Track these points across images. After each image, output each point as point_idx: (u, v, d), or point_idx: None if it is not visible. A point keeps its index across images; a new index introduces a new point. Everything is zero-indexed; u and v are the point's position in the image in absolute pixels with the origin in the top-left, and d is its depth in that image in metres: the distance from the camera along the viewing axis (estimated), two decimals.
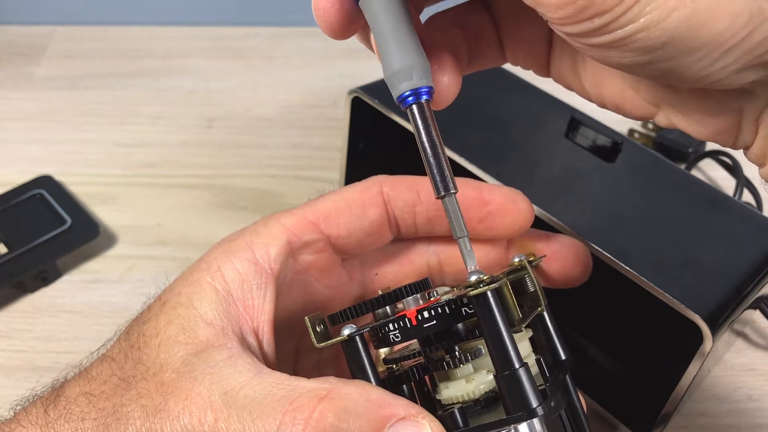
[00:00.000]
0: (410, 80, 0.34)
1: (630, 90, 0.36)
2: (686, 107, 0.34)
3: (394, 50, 0.34)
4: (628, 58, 0.29)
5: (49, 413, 0.37)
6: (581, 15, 0.28)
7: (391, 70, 0.34)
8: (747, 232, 0.51)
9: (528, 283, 0.38)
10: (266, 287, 0.39)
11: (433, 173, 0.35)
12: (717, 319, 0.45)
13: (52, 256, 0.66)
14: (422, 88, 0.34)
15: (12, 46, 0.96)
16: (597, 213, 0.52)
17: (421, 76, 0.34)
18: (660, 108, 0.36)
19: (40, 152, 0.80)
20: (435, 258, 0.45)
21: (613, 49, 0.29)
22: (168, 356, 0.36)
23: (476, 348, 0.36)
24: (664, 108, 0.35)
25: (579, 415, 0.39)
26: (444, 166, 0.35)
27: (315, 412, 0.32)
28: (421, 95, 0.34)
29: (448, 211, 0.35)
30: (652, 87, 0.35)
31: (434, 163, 0.35)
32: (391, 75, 0.34)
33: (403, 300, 0.37)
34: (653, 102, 0.36)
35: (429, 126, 0.35)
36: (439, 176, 0.35)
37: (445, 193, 0.35)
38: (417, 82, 0.34)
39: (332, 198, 0.42)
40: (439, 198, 0.35)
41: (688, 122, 0.35)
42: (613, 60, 0.30)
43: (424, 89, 0.34)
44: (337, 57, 0.95)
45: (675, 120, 0.35)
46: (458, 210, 0.35)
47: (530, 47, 0.39)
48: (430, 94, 0.35)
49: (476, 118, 0.59)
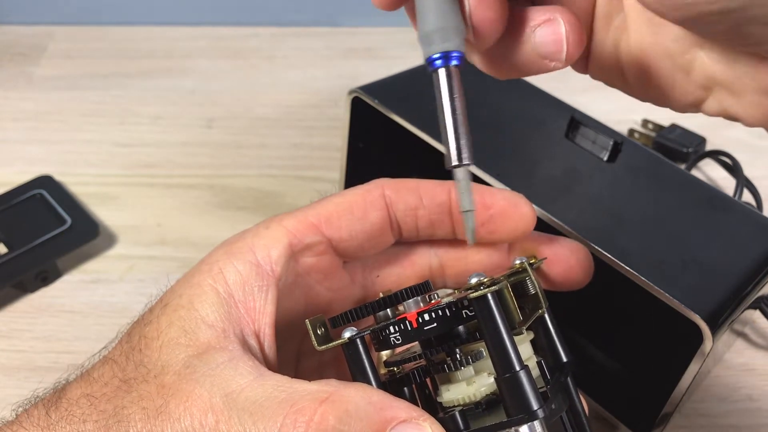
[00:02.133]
0: (442, 42, 0.33)
1: (681, 73, 0.35)
2: (744, 86, 0.33)
3: (431, 10, 0.33)
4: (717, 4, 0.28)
5: (50, 415, 0.37)
6: None
7: (425, 29, 0.33)
8: (747, 232, 0.51)
9: (529, 285, 0.38)
10: (268, 289, 0.39)
11: (449, 141, 0.34)
12: (717, 319, 0.45)
13: (52, 256, 0.66)
14: (453, 52, 0.33)
15: (12, 46, 0.96)
16: (597, 213, 0.52)
17: (455, 39, 0.33)
18: (712, 92, 0.35)
19: (40, 152, 0.80)
20: (437, 260, 0.45)
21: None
22: (169, 358, 0.36)
23: (477, 350, 0.36)
24: (716, 91, 0.34)
25: (580, 418, 0.39)
26: (463, 135, 0.34)
27: (316, 415, 0.32)
28: (451, 59, 0.33)
29: (459, 181, 0.35)
30: (709, 65, 0.34)
31: (452, 130, 0.34)
32: (424, 35, 0.34)
33: (404, 302, 0.37)
34: (706, 85, 0.34)
35: (454, 92, 0.34)
36: (455, 144, 0.34)
37: (458, 162, 0.34)
38: (449, 45, 0.33)
39: (334, 200, 0.42)
40: (452, 168, 0.34)
41: (742, 105, 0.34)
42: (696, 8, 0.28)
43: (455, 53, 0.33)
44: (337, 57, 0.95)
45: (728, 103, 0.34)
46: (469, 183, 0.35)
47: None
48: (461, 60, 0.34)
49: (476, 118, 0.58)
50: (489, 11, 0.34)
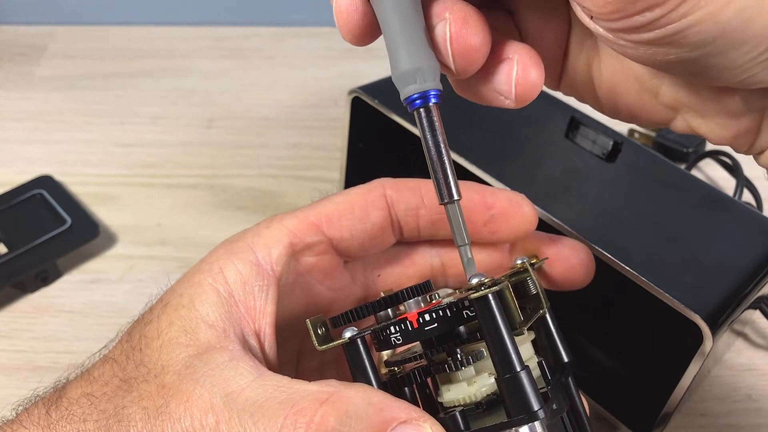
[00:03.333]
0: (418, 83, 0.33)
1: (648, 95, 0.35)
2: (708, 109, 0.34)
3: (403, 51, 0.33)
4: (674, 55, 0.28)
5: (50, 414, 0.37)
6: (632, 8, 0.27)
7: (399, 71, 0.34)
8: (747, 232, 0.51)
9: (530, 285, 0.38)
10: (268, 289, 0.39)
11: (437, 179, 0.34)
12: (717, 319, 0.45)
13: (52, 256, 0.66)
14: (430, 91, 0.34)
15: (12, 46, 0.96)
16: (597, 213, 0.52)
17: (430, 78, 0.33)
18: (679, 112, 0.35)
19: (40, 152, 0.80)
20: (438, 259, 0.45)
21: (662, 46, 0.28)
22: (169, 358, 0.36)
23: (478, 350, 0.36)
24: (683, 112, 0.35)
25: (581, 418, 0.39)
26: (449, 172, 0.34)
27: (316, 416, 0.32)
28: (429, 98, 0.34)
29: (450, 218, 0.35)
30: (675, 90, 0.34)
31: (439, 168, 0.34)
32: (399, 76, 0.34)
33: (405, 302, 0.37)
34: (673, 106, 0.35)
35: (435, 130, 0.34)
36: (443, 182, 0.34)
37: (448, 199, 0.34)
38: (425, 84, 0.33)
39: (335, 200, 0.42)
40: (442, 204, 0.35)
41: (708, 125, 0.34)
42: (656, 58, 0.29)
43: (432, 92, 0.34)
44: (337, 57, 0.95)
45: (695, 124, 0.35)
46: (461, 217, 0.35)
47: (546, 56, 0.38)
48: (438, 98, 0.34)
49: (476, 118, 0.59)
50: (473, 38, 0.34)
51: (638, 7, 0.26)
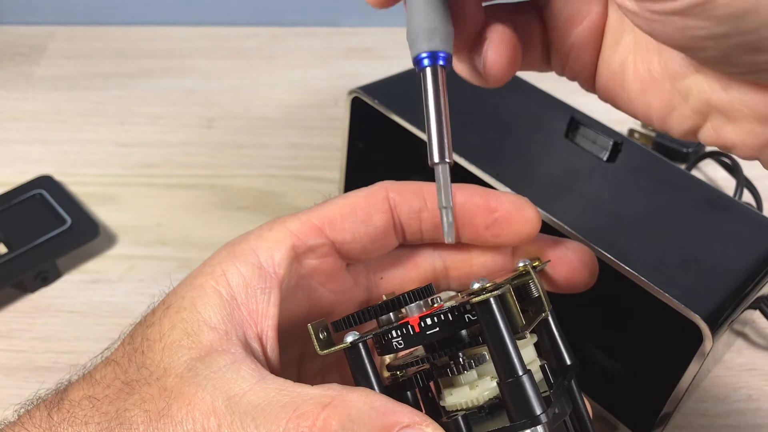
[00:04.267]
0: (429, 42, 0.34)
1: (678, 98, 0.35)
2: (738, 112, 0.33)
3: (420, 10, 0.34)
4: (703, 30, 0.28)
5: (52, 416, 0.37)
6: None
7: (413, 28, 0.34)
8: (747, 232, 0.51)
9: (532, 288, 0.38)
10: (270, 292, 0.38)
11: (431, 138, 0.35)
12: (717, 319, 0.45)
13: (52, 256, 0.66)
14: (440, 53, 0.34)
15: (12, 46, 0.96)
16: (597, 213, 0.52)
17: (442, 40, 0.34)
18: (708, 118, 0.35)
19: (40, 152, 0.80)
20: (441, 262, 0.45)
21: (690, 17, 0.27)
22: (171, 361, 0.36)
23: (480, 354, 0.36)
24: (712, 117, 0.35)
25: (585, 421, 0.39)
26: (444, 133, 0.35)
27: (319, 420, 0.32)
28: (438, 59, 0.34)
29: (438, 179, 0.35)
30: (705, 91, 0.34)
31: (436, 129, 0.35)
32: (413, 33, 0.34)
33: (407, 306, 0.37)
34: (702, 110, 0.35)
35: (439, 92, 0.34)
36: (437, 142, 0.35)
37: (440, 160, 0.35)
38: (436, 44, 0.34)
39: (338, 203, 0.42)
40: (433, 165, 0.35)
41: (737, 132, 0.34)
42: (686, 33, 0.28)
43: (442, 54, 0.34)
44: (337, 57, 0.95)
45: (723, 131, 0.35)
46: (449, 180, 0.35)
47: (579, 54, 0.38)
48: (447, 61, 0.34)
49: (476, 118, 0.59)
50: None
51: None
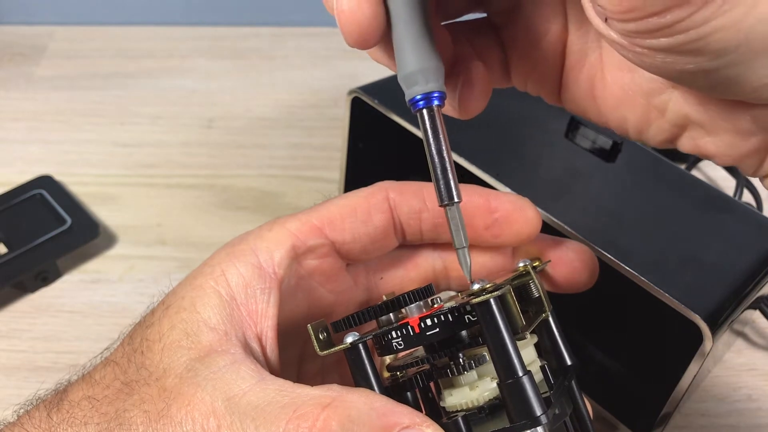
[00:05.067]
0: (423, 84, 0.34)
1: (655, 112, 0.35)
2: (717, 127, 0.33)
3: (410, 51, 0.34)
4: (693, 64, 0.27)
5: (52, 417, 0.36)
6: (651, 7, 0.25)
7: (405, 71, 0.34)
8: (747, 232, 0.51)
9: (533, 288, 0.38)
10: (270, 292, 0.38)
11: (438, 181, 0.35)
12: (717, 319, 0.45)
13: (52, 256, 0.66)
14: (434, 93, 0.34)
15: (12, 46, 0.96)
16: (597, 213, 0.52)
17: (435, 80, 0.34)
18: (686, 130, 0.35)
19: (40, 152, 0.80)
20: (441, 262, 0.45)
21: (681, 54, 0.27)
22: (171, 361, 0.36)
23: (480, 355, 0.36)
24: (691, 129, 0.35)
25: (585, 422, 0.39)
26: (449, 174, 0.34)
27: (319, 421, 0.32)
28: (432, 100, 0.34)
29: (449, 220, 0.35)
30: (683, 106, 0.34)
31: (440, 170, 0.35)
32: (405, 76, 0.34)
33: (406, 307, 0.37)
34: (680, 123, 0.35)
35: (438, 132, 0.34)
36: (443, 184, 0.35)
37: (448, 201, 0.35)
38: (430, 86, 0.34)
39: (338, 203, 0.42)
40: (442, 206, 0.35)
41: (716, 144, 0.34)
42: (674, 67, 0.28)
43: (435, 94, 0.34)
44: (337, 57, 0.95)
45: (701, 142, 0.34)
46: (460, 220, 0.35)
47: (541, 72, 0.38)
48: (442, 100, 0.34)
49: (475, 118, 0.59)
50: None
51: (657, 7, 0.25)
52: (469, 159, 0.54)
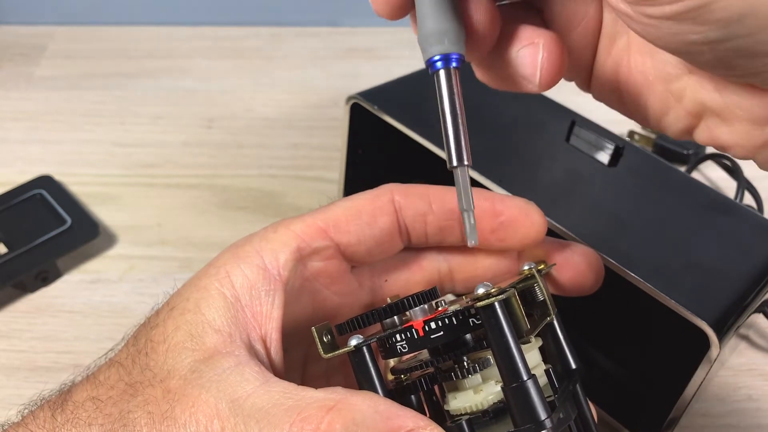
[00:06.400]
0: (442, 44, 0.34)
1: (672, 99, 0.35)
2: (732, 114, 0.33)
3: (431, 12, 0.33)
4: (699, 34, 0.28)
5: (56, 417, 0.37)
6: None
7: (425, 31, 0.34)
8: (750, 235, 0.51)
9: (537, 291, 0.38)
10: (275, 294, 0.38)
11: (449, 142, 0.35)
12: (723, 326, 0.45)
13: (52, 256, 0.66)
14: (453, 55, 0.34)
15: (12, 46, 0.96)
16: (599, 217, 0.52)
17: (454, 41, 0.34)
18: (702, 119, 0.35)
19: (40, 152, 0.80)
20: (446, 265, 0.45)
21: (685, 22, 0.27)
22: (175, 363, 0.36)
23: (485, 358, 0.36)
24: (707, 118, 0.35)
25: (589, 426, 0.39)
26: (462, 136, 0.34)
27: (323, 424, 0.32)
28: (450, 61, 0.34)
29: (458, 182, 0.35)
30: (699, 92, 0.34)
31: (452, 132, 0.34)
32: (424, 37, 0.34)
33: (411, 310, 0.37)
34: (696, 111, 0.35)
35: (454, 94, 0.34)
36: (455, 146, 0.34)
37: (458, 163, 0.35)
38: (448, 47, 0.34)
39: (343, 205, 0.42)
40: (452, 168, 0.35)
41: (731, 133, 0.34)
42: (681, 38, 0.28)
43: (454, 56, 0.34)
44: (337, 57, 0.95)
45: (717, 132, 0.35)
46: (468, 183, 0.35)
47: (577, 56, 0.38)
48: (460, 62, 0.34)
49: (477, 122, 0.58)
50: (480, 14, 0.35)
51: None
52: None
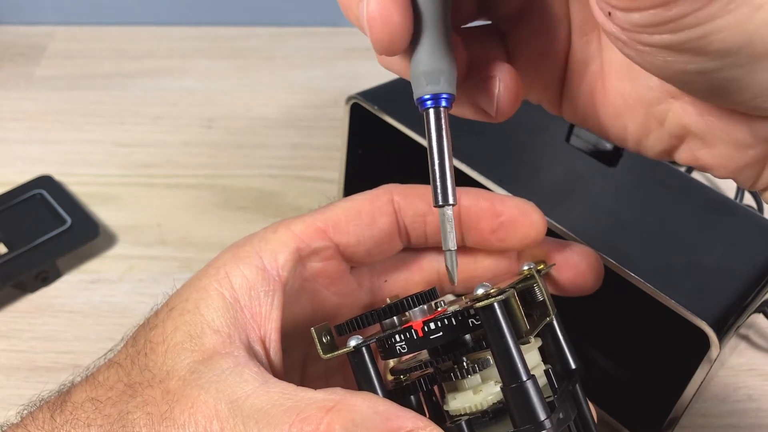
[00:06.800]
0: (434, 84, 0.34)
1: (654, 122, 0.35)
2: (715, 138, 0.33)
3: (426, 50, 0.34)
4: (694, 65, 0.27)
5: (55, 418, 0.37)
6: None
7: (418, 69, 0.34)
8: (750, 236, 0.51)
9: (537, 292, 0.38)
10: (274, 294, 0.38)
11: (435, 181, 0.35)
12: (723, 326, 0.45)
13: (52, 256, 0.66)
14: (443, 95, 0.34)
15: (12, 46, 0.96)
16: (599, 218, 0.52)
17: (447, 82, 0.34)
18: (684, 141, 0.35)
19: (40, 152, 0.80)
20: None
21: (682, 53, 0.27)
22: (174, 363, 0.36)
23: (484, 358, 0.36)
24: (689, 140, 0.35)
25: (589, 426, 0.39)
26: (447, 176, 0.35)
27: (322, 424, 0.32)
28: (440, 101, 0.34)
29: (443, 221, 0.35)
30: (682, 117, 0.34)
31: (438, 171, 0.35)
32: (417, 74, 0.34)
33: (410, 310, 0.37)
34: (678, 134, 0.35)
35: (442, 133, 0.35)
36: (440, 185, 0.35)
37: (443, 203, 0.35)
38: (440, 87, 0.34)
39: (342, 206, 0.42)
40: (436, 207, 0.35)
41: (713, 156, 0.34)
42: (675, 67, 0.28)
43: (444, 95, 0.34)
44: (337, 57, 0.95)
45: (699, 154, 0.35)
46: (452, 223, 0.35)
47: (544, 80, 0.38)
48: (450, 102, 0.34)
49: (477, 123, 0.59)
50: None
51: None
52: (471, 164, 0.54)
